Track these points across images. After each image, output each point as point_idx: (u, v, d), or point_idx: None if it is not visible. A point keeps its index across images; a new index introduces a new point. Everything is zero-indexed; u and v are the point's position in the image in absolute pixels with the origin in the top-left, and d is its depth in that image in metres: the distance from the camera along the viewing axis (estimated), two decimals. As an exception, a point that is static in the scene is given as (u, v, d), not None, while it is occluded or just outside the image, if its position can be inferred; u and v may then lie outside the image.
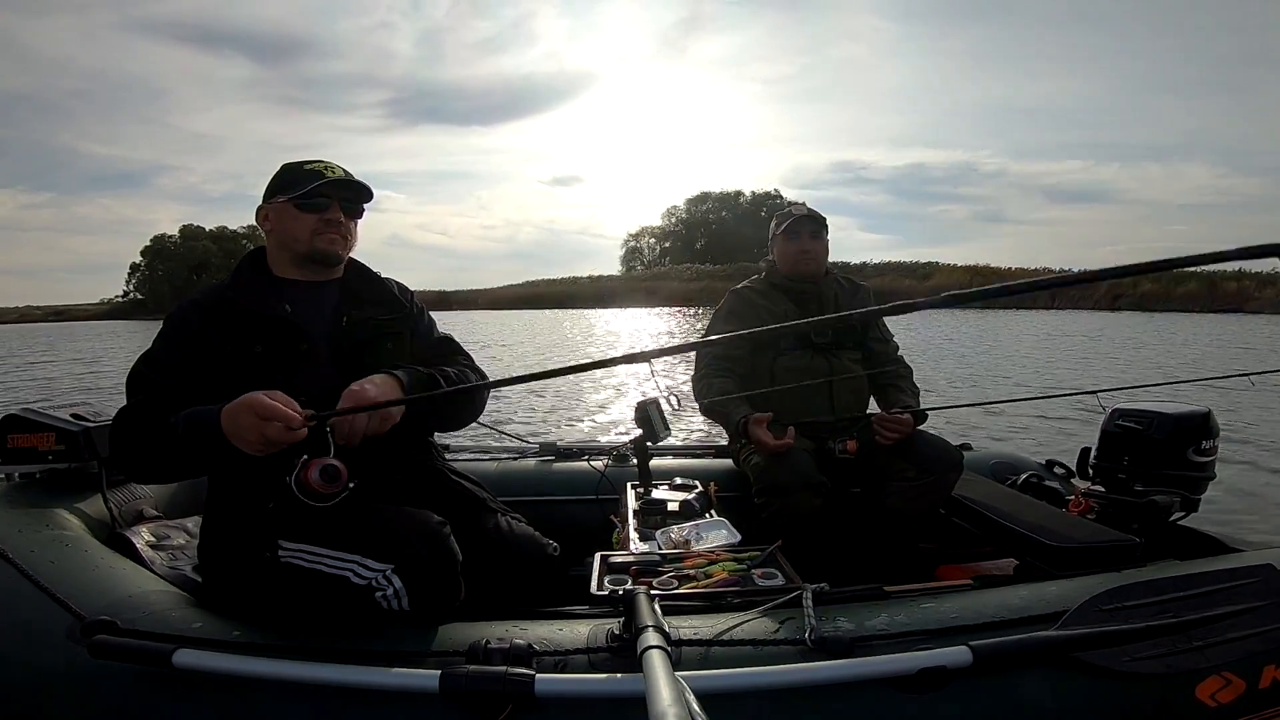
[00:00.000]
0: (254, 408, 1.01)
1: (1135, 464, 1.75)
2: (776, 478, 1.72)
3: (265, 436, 1.01)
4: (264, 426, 1.00)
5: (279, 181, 1.30)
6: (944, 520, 1.85)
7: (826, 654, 1.01)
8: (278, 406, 1.01)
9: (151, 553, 1.44)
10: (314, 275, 1.32)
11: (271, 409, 1.00)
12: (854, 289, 2.12)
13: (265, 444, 1.02)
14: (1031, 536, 1.54)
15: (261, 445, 1.02)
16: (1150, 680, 1.06)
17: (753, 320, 1.99)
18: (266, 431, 1.00)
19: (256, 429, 1.01)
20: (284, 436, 1.01)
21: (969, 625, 1.08)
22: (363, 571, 1.10)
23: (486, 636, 1.01)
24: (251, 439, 1.02)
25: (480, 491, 1.42)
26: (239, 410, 1.02)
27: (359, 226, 1.35)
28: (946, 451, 1.78)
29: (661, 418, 2.02)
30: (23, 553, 1.21)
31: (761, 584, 1.23)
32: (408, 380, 1.21)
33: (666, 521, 1.62)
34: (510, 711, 0.92)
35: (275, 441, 1.01)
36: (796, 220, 2.01)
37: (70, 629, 1.05)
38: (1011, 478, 2.11)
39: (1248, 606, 1.18)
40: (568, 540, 1.46)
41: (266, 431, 1.00)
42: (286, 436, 1.01)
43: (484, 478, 1.53)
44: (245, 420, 1.01)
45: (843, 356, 1.99)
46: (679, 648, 0.99)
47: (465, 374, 1.35)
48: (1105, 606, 1.14)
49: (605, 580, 1.24)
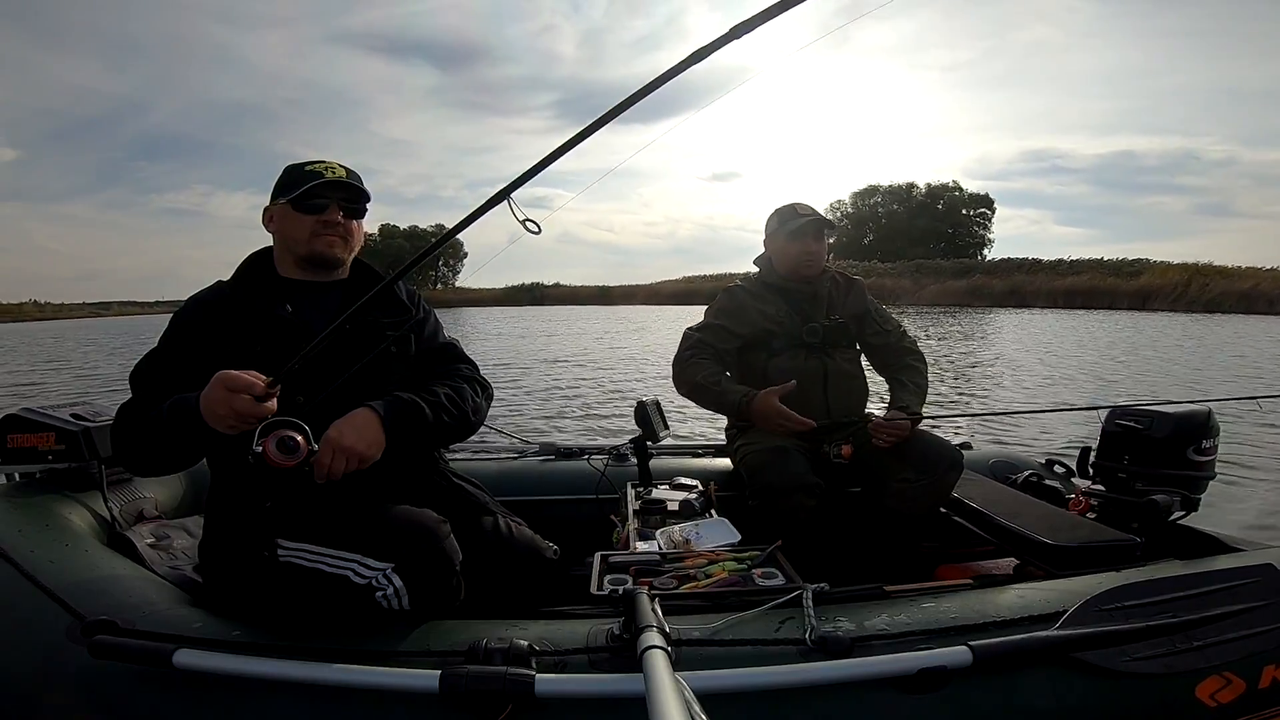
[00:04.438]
0: (222, 380, 1.01)
1: (1135, 463, 1.74)
2: (770, 479, 1.71)
3: (234, 410, 1.00)
4: (232, 399, 1.00)
5: (281, 183, 1.29)
6: (944, 520, 1.85)
7: (826, 654, 1.01)
8: (241, 375, 1.01)
9: (152, 553, 1.44)
10: (317, 276, 1.32)
11: (235, 379, 1.00)
12: (848, 285, 2.07)
13: (236, 418, 1.01)
14: (1031, 536, 1.54)
15: (233, 420, 1.01)
16: (1150, 680, 1.06)
17: (745, 320, 1.95)
18: (235, 404, 1.00)
19: (226, 402, 1.00)
20: (252, 409, 1.00)
21: (969, 625, 1.08)
22: (363, 571, 1.10)
23: (486, 636, 1.01)
24: (222, 413, 1.01)
25: (480, 494, 1.42)
26: (211, 386, 1.02)
27: (361, 226, 1.34)
28: (946, 451, 1.76)
29: (661, 416, 2.01)
30: (23, 553, 1.21)
31: (762, 584, 1.23)
32: (386, 413, 1.18)
33: (666, 521, 1.62)
34: (510, 711, 0.92)
35: (244, 414, 1.01)
36: (808, 223, 1.96)
37: (70, 629, 1.05)
38: (1011, 477, 2.11)
39: (1248, 606, 1.18)
40: (568, 540, 1.46)
41: (235, 404, 1.00)
42: (255, 409, 1.01)
43: (484, 477, 1.53)
44: (215, 395, 1.01)
45: (837, 356, 1.96)
46: (679, 648, 0.99)
47: (460, 388, 1.32)
48: (1105, 606, 1.14)
49: (605, 580, 1.24)
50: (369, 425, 1.16)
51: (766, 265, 2.07)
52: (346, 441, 1.12)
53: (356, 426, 1.14)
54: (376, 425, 1.16)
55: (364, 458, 1.14)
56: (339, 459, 1.11)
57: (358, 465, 1.13)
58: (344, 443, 1.11)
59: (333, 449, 1.11)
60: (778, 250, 2.01)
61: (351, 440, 1.12)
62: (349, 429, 1.13)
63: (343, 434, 1.12)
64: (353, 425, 1.14)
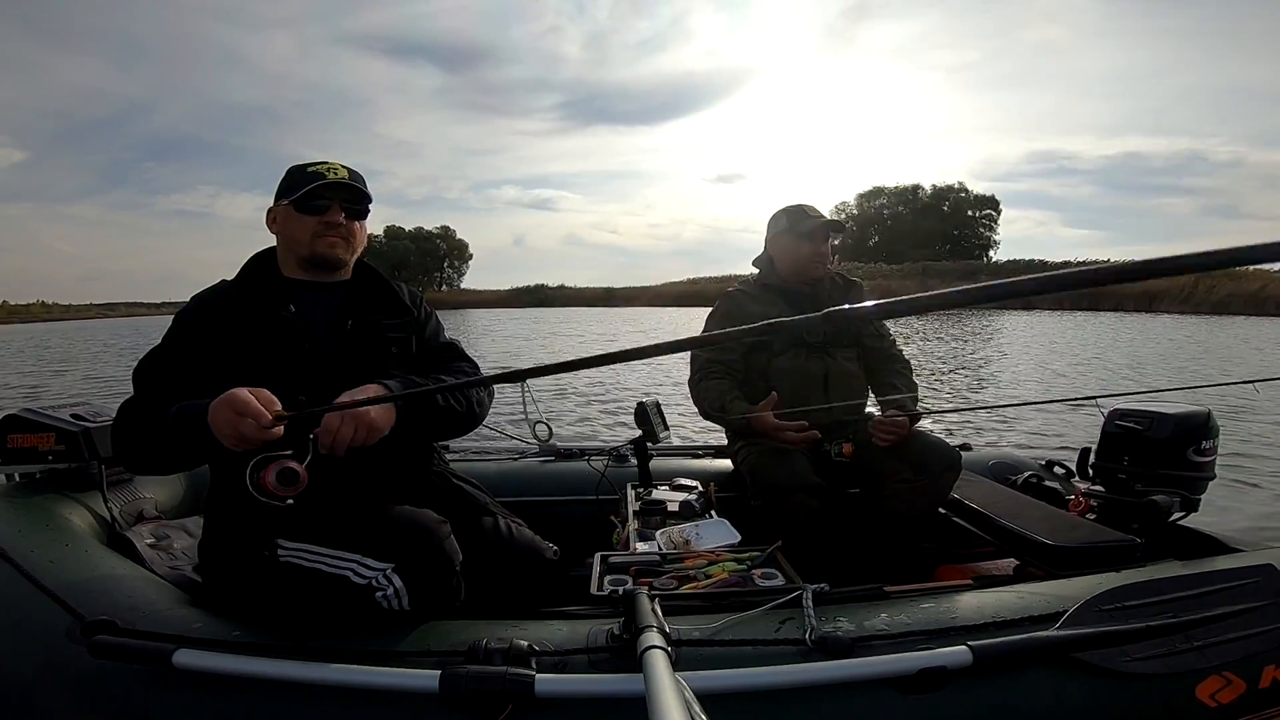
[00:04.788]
0: (232, 403, 1.00)
1: (1135, 464, 1.74)
2: (773, 480, 1.71)
3: (239, 433, 0.99)
4: (238, 422, 0.99)
5: (284, 184, 1.30)
6: (944, 520, 1.85)
7: (826, 654, 1.01)
8: (251, 403, 0.99)
9: (152, 553, 1.44)
10: (320, 277, 1.32)
11: (245, 404, 0.99)
12: (847, 286, 2.09)
13: (240, 440, 1.00)
14: (1031, 537, 1.54)
15: (236, 441, 1.00)
16: (1150, 680, 1.06)
17: (746, 321, 1.96)
18: (240, 428, 0.99)
19: (232, 424, 0.99)
20: (257, 434, 0.99)
21: (969, 625, 1.09)
22: (363, 571, 1.10)
23: (486, 636, 1.01)
24: (228, 434, 1.00)
25: (480, 494, 1.42)
26: (220, 404, 1.01)
27: (363, 227, 1.35)
28: (944, 452, 1.77)
29: (661, 417, 2.01)
30: (23, 553, 1.21)
31: (761, 584, 1.23)
32: (397, 389, 1.18)
33: (666, 521, 1.62)
34: (510, 711, 0.92)
35: (248, 438, 1.00)
36: (820, 224, 1.96)
37: (70, 629, 1.05)
38: (1011, 478, 2.11)
39: (1248, 606, 1.18)
40: (568, 540, 1.46)
41: (240, 428, 0.99)
42: (259, 434, 0.99)
43: (484, 478, 1.53)
44: (223, 414, 1.00)
45: (838, 356, 1.97)
46: (679, 648, 0.99)
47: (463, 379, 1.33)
48: (1105, 606, 1.14)
49: (605, 580, 1.24)
50: (376, 394, 1.15)
51: (767, 266, 2.07)
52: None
53: (368, 395, 1.13)
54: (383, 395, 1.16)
55: (373, 427, 1.12)
56: (348, 424, 1.09)
57: (365, 435, 1.11)
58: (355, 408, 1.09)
59: (342, 414, 1.08)
60: (783, 250, 2.01)
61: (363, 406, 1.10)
62: (361, 396, 1.12)
63: (354, 399, 1.10)
64: (365, 394, 1.13)
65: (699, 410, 1.96)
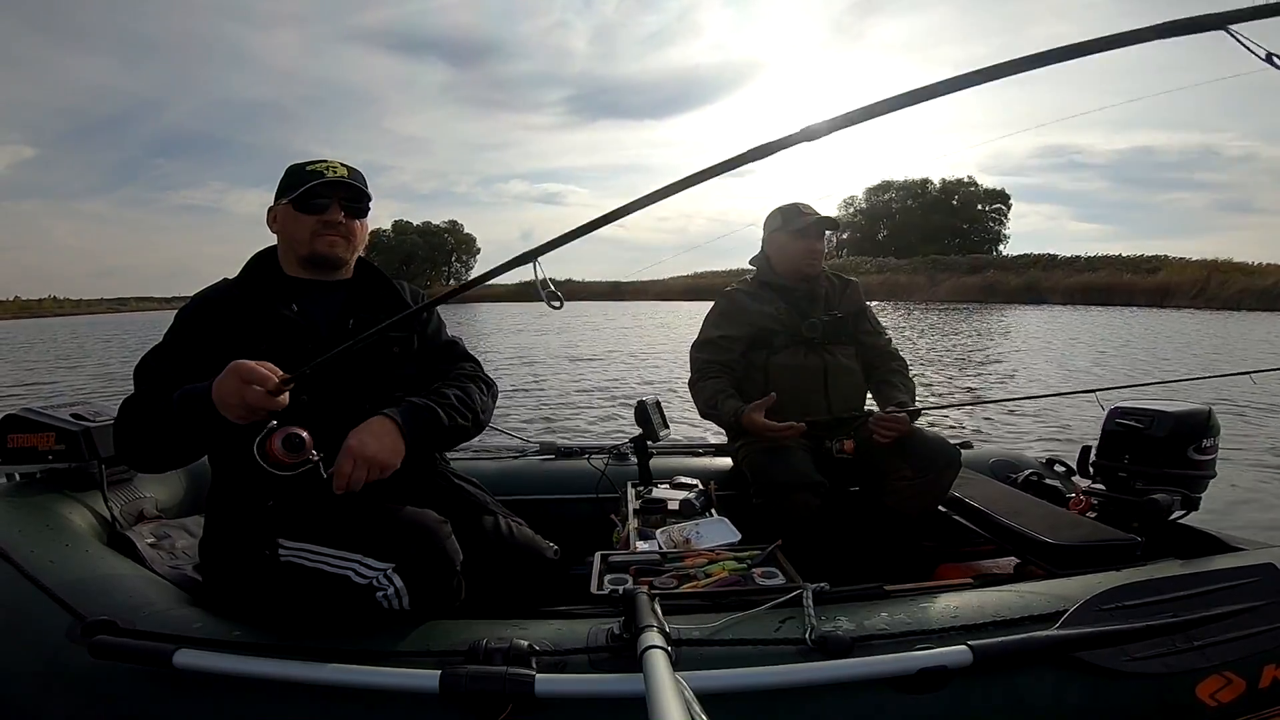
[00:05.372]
0: (238, 371, 1.00)
1: (1136, 462, 1.74)
2: (775, 478, 1.71)
3: (245, 401, 1.00)
4: (244, 390, 1.00)
5: (284, 183, 1.29)
6: (945, 519, 1.85)
7: (827, 654, 1.01)
8: (257, 368, 1.00)
9: (152, 553, 1.44)
10: (321, 276, 1.32)
11: (251, 370, 1.00)
12: (843, 284, 2.10)
13: (246, 409, 1.01)
14: (1032, 535, 1.54)
15: (243, 411, 1.01)
16: (1150, 680, 1.06)
17: (744, 320, 1.97)
18: (246, 396, 1.00)
19: (238, 392, 1.00)
20: (263, 401, 1.00)
21: (969, 625, 1.08)
22: (363, 571, 1.10)
23: (486, 636, 1.01)
24: (233, 403, 1.01)
25: (481, 494, 1.42)
26: (225, 375, 1.02)
27: (365, 225, 1.34)
28: (944, 450, 1.77)
29: (661, 415, 2.01)
30: (23, 553, 1.21)
31: (762, 583, 1.23)
32: (404, 420, 1.18)
33: (667, 521, 1.62)
34: (510, 711, 0.92)
35: (255, 407, 1.00)
36: (813, 222, 1.97)
37: (70, 629, 1.05)
38: (1012, 476, 2.11)
39: (1248, 606, 1.18)
40: (568, 539, 1.46)
41: (246, 396, 1.00)
42: (266, 402, 1.00)
43: (484, 477, 1.53)
44: (228, 384, 1.01)
45: (837, 352, 1.97)
46: (679, 647, 0.99)
47: (467, 388, 1.32)
48: (1105, 606, 1.14)
49: (605, 580, 1.24)
50: (388, 433, 1.15)
51: (764, 264, 2.08)
52: (369, 450, 1.11)
53: (376, 434, 1.14)
54: (395, 432, 1.16)
55: (385, 466, 1.13)
56: (360, 468, 1.10)
57: (379, 475, 1.13)
58: (366, 452, 1.11)
59: (354, 458, 1.10)
60: (779, 248, 2.02)
61: (374, 449, 1.12)
62: (370, 438, 1.13)
63: (364, 443, 1.11)
64: (373, 434, 1.13)
65: (698, 410, 1.97)
